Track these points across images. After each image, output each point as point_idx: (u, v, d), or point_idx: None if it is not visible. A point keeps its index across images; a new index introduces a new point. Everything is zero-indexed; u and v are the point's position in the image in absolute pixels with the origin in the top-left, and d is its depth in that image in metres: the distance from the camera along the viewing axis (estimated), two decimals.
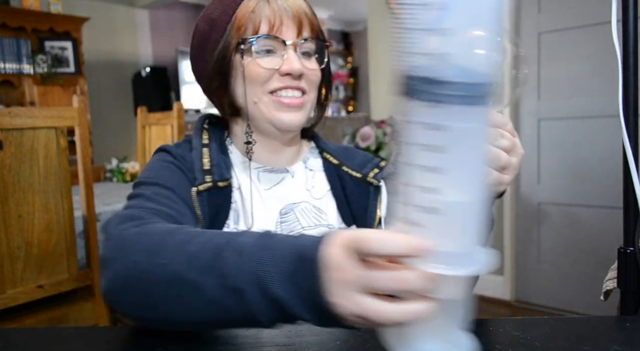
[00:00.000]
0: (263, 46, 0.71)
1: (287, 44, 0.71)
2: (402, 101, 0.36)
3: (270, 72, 0.72)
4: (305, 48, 0.73)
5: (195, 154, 0.75)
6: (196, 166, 0.73)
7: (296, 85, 0.73)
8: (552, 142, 2.63)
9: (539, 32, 2.60)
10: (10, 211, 1.25)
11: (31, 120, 1.28)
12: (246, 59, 0.72)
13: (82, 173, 1.45)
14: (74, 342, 0.55)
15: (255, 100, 0.73)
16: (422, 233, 0.36)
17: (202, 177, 0.72)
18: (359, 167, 0.82)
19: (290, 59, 0.71)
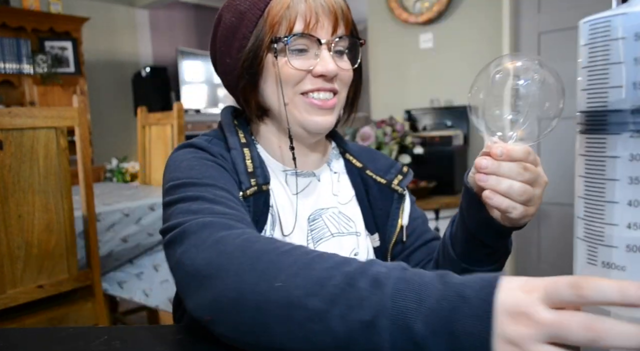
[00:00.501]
0: (296, 45, 0.67)
1: (322, 43, 0.66)
2: (595, 137, 0.35)
3: (303, 73, 0.67)
4: (339, 46, 0.69)
5: (236, 155, 0.69)
6: (239, 168, 0.67)
7: (329, 87, 0.69)
8: (552, 142, 2.63)
9: (539, 32, 2.60)
10: (10, 211, 1.25)
11: (31, 120, 1.28)
12: (280, 58, 0.67)
13: (82, 173, 1.45)
14: (74, 342, 0.55)
15: (287, 102, 0.69)
16: (624, 276, 0.33)
17: (248, 180, 0.67)
18: (383, 171, 0.80)
19: (324, 59, 0.67)
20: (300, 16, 0.66)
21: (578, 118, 0.37)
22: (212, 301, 0.46)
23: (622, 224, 0.33)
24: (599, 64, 0.34)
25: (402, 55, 3.13)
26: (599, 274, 0.35)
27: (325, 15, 0.66)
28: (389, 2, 3.07)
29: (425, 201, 2.42)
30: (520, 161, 0.52)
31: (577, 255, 0.37)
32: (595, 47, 0.34)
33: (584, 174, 0.36)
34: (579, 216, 0.37)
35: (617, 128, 0.33)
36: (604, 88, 0.34)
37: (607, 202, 0.34)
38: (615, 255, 0.34)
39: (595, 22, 0.35)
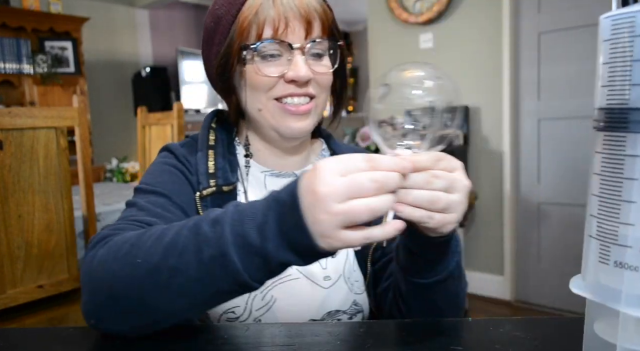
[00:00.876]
0: (267, 51, 0.66)
1: (293, 47, 0.65)
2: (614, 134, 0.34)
3: (275, 79, 0.67)
4: (316, 49, 0.68)
5: (200, 157, 0.72)
6: (200, 169, 0.71)
7: (303, 92, 0.68)
8: (552, 142, 2.63)
9: (539, 32, 2.60)
10: (10, 211, 1.25)
11: (31, 120, 1.28)
12: (249, 66, 0.67)
13: (82, 173, 1.45)
14: (74, 342, 0.55)
15: (260, 107, 0.69)
16: (635, 277, 0.33)
17: (207, 181, 0.70)
18: None
19: (296, 64, 0.65)
20: (268, 22, 0.65)
21: (596, 115, 0.36)
22: (89, 304, 0.53)
23: (638, 224, 0.33)
24: (620, 60, 0.33)
25: (402, 55, 3.13)
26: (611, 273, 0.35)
27: (296, 19, 0.65)
28: (389, 2, 3.07)
29: None
30: (428, 169, 0.49)
31: (588, 253, 0.37)
32: (618, 43, 0.34)
33: (599, 172, 0.35)
34: (592, 214, 0.36)
35: (637, 126, 0.33)
36: (626, 85, 0.33)
37: (623, 201, 0.33)
38: (629, 255, 0.33)
39: (618, 17, 0.34)
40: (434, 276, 0.60)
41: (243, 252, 0.46)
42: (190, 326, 0.57)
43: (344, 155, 0.46)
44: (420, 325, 0.56)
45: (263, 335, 0.54)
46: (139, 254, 0.50)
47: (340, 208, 0.43)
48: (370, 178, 0.44)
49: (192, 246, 0.48)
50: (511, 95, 2.70)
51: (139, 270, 0.49)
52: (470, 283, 2.94)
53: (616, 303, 0.34)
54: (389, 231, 0.46)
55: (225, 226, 0.47)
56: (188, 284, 0.48)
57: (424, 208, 0.49)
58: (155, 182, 0.68)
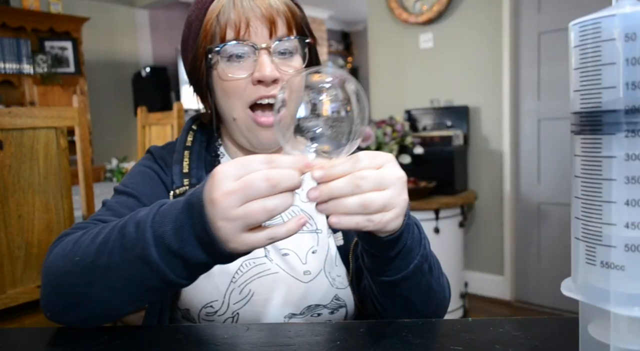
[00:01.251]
0: (232, 52, 0.66)
1: (257, 47, 0.65)
2: (590, 137, 0.35)
3: (243, 82, 0.66)
4: (283, 48, 0.67)
5: (176, 157, 0.74)
6: (175, 169, 0.73)
7: (272, 94, 0.66)
8: (552, 142, 2.63)
9: (539, 32, 2.60)
10: (10, 211, 1.25)
11: (31, 120, 1.28)
12: (217, 69, 0.67)
13: (82, 173, 1.45)
14: (74, 342, 0.55)
15: (234, 116, 0.69)
16: (623, 276, 0.34)
17: (181, 180, 0.72)
18: None
19: (260, 64, 0.65)
20: (230, 24, 0.65)
21: (572, 119, 0.37)
22: (45, 298, 0.57)
23: (620, 224, 0.34)
24: (590, 65, 0.34)
25: (402, 55, 3.13)
26: (598, 274, 0.35)
27: (258, 19, 0.65)
28: (389, 2, 3.07)
29: (425, 201, 2.42)
30: (350, 173, 0.47)
31: (576, 254, 0.37)
32: (586, 49, 0.35)
33: (580, 174, 0.36)
34: (576, 216, 0.37)
35: (611, 128, 0.34)
36: (597, 89, 0.34)
37: (604, 201, 0.34)
38: (614, 255, 0.34)
39: (585, 24, 0.35)
40: (399, 273, 0.58)
41: (164, 254, 0.48)
42: (191, 326, 0.58)
43: (242, 158, 0.46)
44: (420, 325, 0.56)
45: (263, 335, 0.54)
46: (77, 252, 0.54)
47: (236, 213, 0.44)
48: (263, 178, 0.44)
49: (119, 247, 0.51)
50: (511, 95, 2.70)
51: (76, 267, 0.53)
52: (470, 283, 2.95)
53: (606, 303, 0.34)
54: (292, 227, 0.46)
55: (146, 228, 0.49)
56: (120, 282, 0.51)
57: (359, 213, 0.47)
58: (129, 183, 0.72)
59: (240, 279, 0.69)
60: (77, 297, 0.54)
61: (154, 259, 0.48)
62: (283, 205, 0.45)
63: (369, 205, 0.47)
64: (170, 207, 0.50)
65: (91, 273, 0.52)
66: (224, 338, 0.54)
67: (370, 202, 0.47)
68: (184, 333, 0.55)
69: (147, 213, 0.51)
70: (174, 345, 0.52)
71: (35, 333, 0.58)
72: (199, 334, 0.55)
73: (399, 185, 0.49)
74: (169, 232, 0.48)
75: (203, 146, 0.77)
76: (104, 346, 0.53)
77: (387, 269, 0.58)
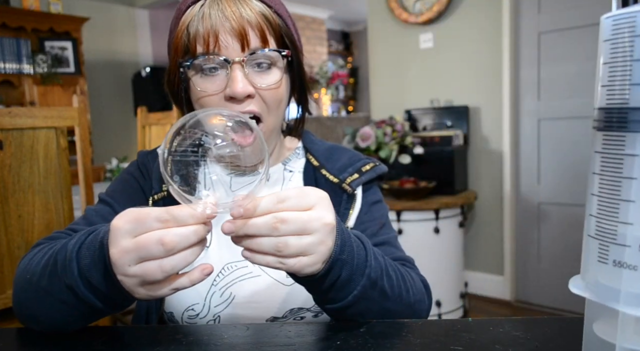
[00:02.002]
0: (204, 66, 0.63)
1: (229, 61, 0.62)
2: (614, 134, 0.34)
3: (217, 96, 0.64)
4: (257, 61, 0.64)
5: (157, 161, 0.70)
6: (154, 175, 0.72)
7: (246, 110, 0.63)
8: (552, 142, 2.63)
9: (539, 32, 2.60)
10: (10, 211, 1.25)
11: (31, 120, 1.28)
12: (190, 82, 0.65)
13: (82, 173, 1.44)
14: (74, 342, 0.55)
15: None
16: (634, 276, 0.33)
17: (159, 186, 0.71)
18: (338, 170, 0.75)
19: (232, 79, 0.62)
20: (199, 38, 0.62)
21: (596, 114, 0.36)
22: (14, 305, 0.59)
23: (636, 223, 0.33)
24: (620, 60, 0.34)
25: (402, 55, 3.13)
26: (610, 273, 0.35)
27: (227, 32, 0.61)
28: (389, 2, 3.07)
29: (425, 201, 2.42)
30: (269, 213, 0.45)
31: (588, 252, 0.37)
32: (618, 43, 0.34)
33: (599, 171, 0.35)
34: (591, 213, 0.36)
35: (637, 126, 0.33)
36: (626, 85, 0.33)
37: (622, 200, 0.34)
38: (628, 254, 0.33)
39: (619, 17, 0.34)
40: (337, 302, 0.55)
41: (87, 286, 0.50)
42: (191, 326, 0.58)
43: (137, 212, 0.45)
44: (420, 325, 0.56)
45: (263, 335, 0.54)
46: (30, 270, 0.56)
47: (133, 271, 0.44)
48: (158, 241, 0.43)
49: (54, 272, 0.52)
50: (511, 95, 2.70)
51: (29, 285, 0.55)
52: (470, 283, 2.95)
53: (615, 302, 0.34)
54: (196, 277, 0.46)
55: (72, 258, 0.50)
56: (60, 304, 0.52)
57: (272, 254, 0.46)
58: (110, 190, 0.74)
59: (222, 282, 0.69)
60: (31, 311, 0.56)
61: (80, 290, 0.50)
62: (183, 263, 0.44)
63: (283, 249, 0.45)
64: (94, 240, 0.50)
65: (37, 292, 0.54)
66: (224, 338, 0.54)
67: (285, 246, 0.45)
68: (184, 333, 0.55)
69: (75, 242, 0.52)
70: (174, 345, 0.52)
71: (35, 333, 0.58)
72: (199, 334, 0.55)
73: (324, 232, 0.47)
74: (89, 266, 0.49)
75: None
76: (104, 346, 0.53)
77: (323, 299, 0.56)
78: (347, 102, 7.51)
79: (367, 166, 0.76)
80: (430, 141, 2.67)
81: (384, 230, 0.75)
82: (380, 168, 0.77)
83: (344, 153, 0.79)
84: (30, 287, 0.55)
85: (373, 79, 3.34)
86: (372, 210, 0.76)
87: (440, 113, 2.91)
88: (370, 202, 0.76)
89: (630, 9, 0.33)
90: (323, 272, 0.50)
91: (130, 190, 0.73)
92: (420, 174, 2.60)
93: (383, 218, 0.76)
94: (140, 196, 0.73)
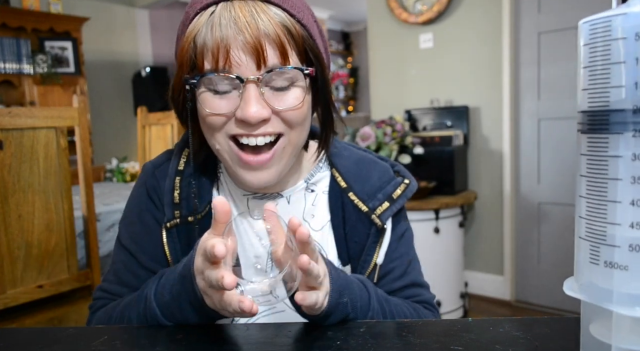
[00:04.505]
0: (213, 85, 0.56)
1: (243, 80, 0.54)
2: (597, 136, 0.35)
3: (224, 118, 0.57)
4: (277, 81, 0.56)
5: (167, 184, 0.66)
6: (166, 199, 0.66)
7: (260, 133, 0.56)
8: (552, 142, 2.63)
9: (539, 32, 2.60)
10: (10, 211, 1.25)
11: (31, 120, 1.28)
12: (198, 98, 0.57)
13: (82, 173, 1.44)
14: (74, 342, 0.55)
15: (217, 147, 0.60)
16: (627, 276, 0.33)
17: (172, 212, 0.66)
18: (368, 195, 0.67)
19: (245, 101, 0.54)
20: (207, 52, 0.54)
21: (579, 118, 0.37)
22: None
23: (624, 224, 0.33)
24: (599, 63, 0.34)
25: (402, 55, 3.13)
26: (601, 274, 0.35)
27: (240, 47, 0.53)
28: (388, 2, 3.07)
29: (425, 201, 2.42)
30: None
31: (579, 254, 0.37)
32: (596, 47, 0.34)
33: (585, 174, 0.36)
34: (580, 215, 0.37)
35: (619, 127, 0.33)
36: (606, 88, 0.34)
37: (609, 201, 0.34)
38: (618, 255, 0.34)
39: (596, 22, 0.35)
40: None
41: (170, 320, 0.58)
42: (191, 327, 0.58)
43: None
44: (420, 325, 0.56)
45: (263, 335, 0.54)
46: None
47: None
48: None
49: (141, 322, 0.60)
50: (511, 95, 2.70)
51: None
52: (470, 283, 2.94)
53: (608, 303, 0.34)
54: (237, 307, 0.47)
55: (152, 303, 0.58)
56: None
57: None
58: (128, 236, 0.69)
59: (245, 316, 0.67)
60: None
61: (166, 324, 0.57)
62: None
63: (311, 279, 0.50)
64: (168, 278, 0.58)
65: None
66: (224, 338, 0.54)
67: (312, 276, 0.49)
68: (184, 333, 0.55)
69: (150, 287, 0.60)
70: (174, 344, 0.52)
71: (35, 333, 0.58)
72: (199, 334, 0.55)
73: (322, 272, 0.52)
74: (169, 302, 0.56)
75: (200, 168, 0.68)
76: (104, 346, 0.53)
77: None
78: (347, 102, 7.51)
79: (399, 190, 0.68)
80: (430, 141, 2.67)
81: (410, 267, 0.71)
82: (411, 190, 0.69)
83: (374, 169, 0.70)
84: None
85: (373, 79, 3.33)
86: (400, 245, 0.70)
87: (440, 113, 2.91)
88: (399, 234, 0.70)
89: (605, 13, 0.34)
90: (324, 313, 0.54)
91: (148, 231, 0.68)
92: (420, 174, 2.60)
93: (410, 252, 0.72)
94: (158, 231, 0.67)
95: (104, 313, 0.66)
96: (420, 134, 2.76)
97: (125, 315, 0.62)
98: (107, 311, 0.66)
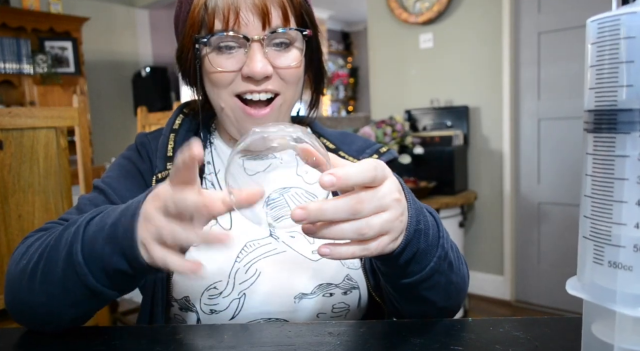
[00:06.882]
0: (221, 44, 0.62)
1: (249, 39, 0.61)
2: (604, 136, 0.34)
3: (232, 74, 0.63)
4: (279, 40, 0.63)
5: (162, 141, 0.71)
6: (159, 153, 0.70)
7: (262, 89, 0.64)
8: (552, 142, 2.63)
9: (539, 32, 2.60)
10: (10, 211, 1.25)
11: (31, 120, 1.28)
12: (205, 59, 0.64)
13: (82, 173, 1.44)
14: (74, 342, 0.55)
15: (222, 106, 0.67)
16: (631, 276, 0.33)
17: (163, 164, 0.69)
18: (356, 152, 0.75)
19: (251, 58, 0.61)
20: (218, 13, 0.61)
21: (585, 117, 0.36)
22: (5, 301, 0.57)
23: (630, 224, 0.33)
24: (607, 62, 0.34)
25: (402, 55, 3.13)
26: (605, 274, 0.35)
27: (249, 8, 0.60)
28: (388, 2, 3.07)
29: (425, 201, 2.42)
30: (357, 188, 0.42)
31: (583, 253, 0.37)
32: (604, 46, 0.34)
33: (591, 173, 0.36)
34: (585, 215, 0.36)
35: (626, 127, 0.33)
36: (613, 87, 0.34)
37: (615, 201, 0.34)
38: (623, 255, 0.34)
39: (603, 21, 0.34)
40: (414, 276, 0.53)
41: (87, 255, 0.49)
42: (190, 326, 0.58)
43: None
44: (420, 325, 0.56)
45: (263, 335, 0.54)
46: (26, 256, 0.55)
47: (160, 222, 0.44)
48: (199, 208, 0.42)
49: (55, 247, 0.51)
50: (511, 95, 2.70)
51: (22, 273, 0.53)
52: (470, 283, 2.93)
53: (611, 303, 0.34)
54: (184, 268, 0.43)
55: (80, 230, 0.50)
56: (53, 287, 0.51)
57: (355, 242, 0.43)
58: (105, 177, 0.70)
59: (245, 258, 0.66)
60: (26, 301, 0.54)
61: (80, 270, 0.48)
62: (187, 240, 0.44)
63: (367, 232, 0.42)
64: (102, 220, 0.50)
65: (32, 278, 0.52)
66: (223, 338, 0.54)
67: (369, 227, 0.42)
68: (184, 333, 0.55)
69: (83, 218, 0.51)
70: (174, 344, 0.52)
71: (35, 333, 0.58)
72: (199, 334, 0.55)
73: (397, 206, 0.45)
74: (96, 233, 0.48)
75: (191, 130, 0.74)
76: (103, 346, 0.53)
77: (400, 274, 0.54)
78: (347, 102, 7.51)
79: (384, 148, 0.75)
80: (430, 141, 2.67)
81: None
82: (391, 153, 0.76)
83: (356, 137, 0.79)
84: (25, 275, 0.53)
85: (373, 79, 3.34)
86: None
87: (440, 113, 2.91)
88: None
89: (615, 12, 0.34)
90: (402, 247, 0.48)
91: (126, 175, 0.70)
92: (420, 174, 2.60)
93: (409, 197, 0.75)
94: (138, 180, 0.70)
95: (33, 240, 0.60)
96: (420, 134, 2.76)
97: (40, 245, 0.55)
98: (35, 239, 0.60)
